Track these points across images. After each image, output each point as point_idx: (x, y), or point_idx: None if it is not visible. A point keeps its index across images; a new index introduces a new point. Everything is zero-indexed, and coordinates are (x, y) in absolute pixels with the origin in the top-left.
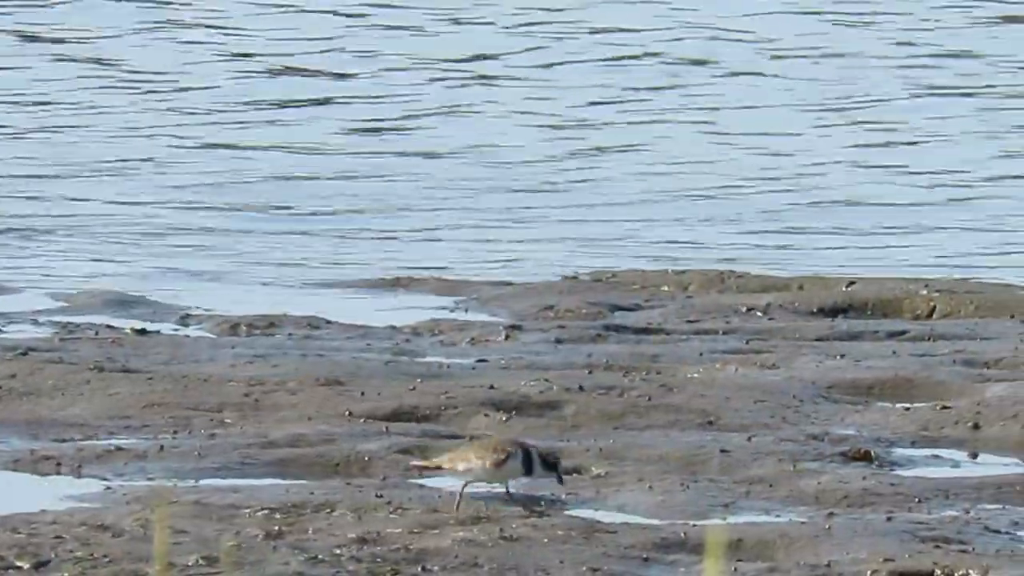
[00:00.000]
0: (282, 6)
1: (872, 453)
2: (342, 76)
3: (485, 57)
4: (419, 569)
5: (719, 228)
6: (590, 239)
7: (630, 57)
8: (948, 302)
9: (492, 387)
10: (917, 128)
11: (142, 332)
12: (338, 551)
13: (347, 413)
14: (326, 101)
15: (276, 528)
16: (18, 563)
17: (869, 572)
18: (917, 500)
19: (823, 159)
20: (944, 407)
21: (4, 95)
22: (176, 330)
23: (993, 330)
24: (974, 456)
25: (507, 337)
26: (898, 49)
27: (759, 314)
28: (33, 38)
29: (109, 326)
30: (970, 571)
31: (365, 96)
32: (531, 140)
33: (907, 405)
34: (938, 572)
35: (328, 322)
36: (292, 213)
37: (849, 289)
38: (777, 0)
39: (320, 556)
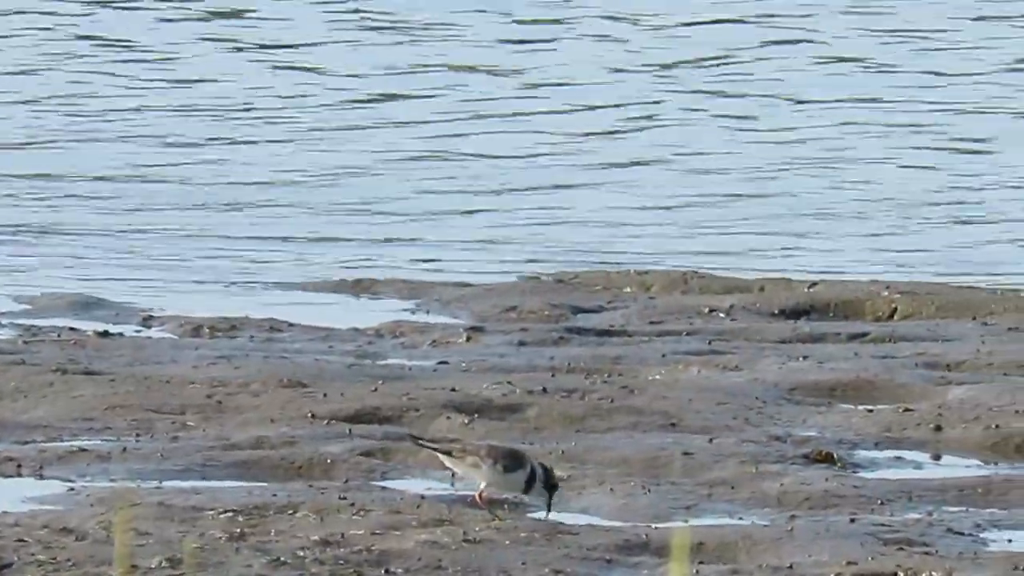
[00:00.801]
0: None
1: (835, 455)
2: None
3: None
4: (382, 571)
5: (683, 229)
6: (553, 239)
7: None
8: (909, 303)
9: (454, 389)
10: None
11: (105, 334)
12: (301, 553)
13: (309, 415)
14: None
15: (239, 530)
16: None
17: (832, 575)
18: (880, 502)
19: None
20: (906, 409)
21: None
22: (138, 332)
23: (954, 331)
24: (937, 458)
25: (468, 339)
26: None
27: (722, 316)
28: None
29: (72, 328)
30: (933, 573)
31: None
32: (493, 138)
33: (869, 407)
34: (901, 575)
35: (290, 324)
36: (253, 215)
37: (811, 291)
38: None
39: (283, 558)
